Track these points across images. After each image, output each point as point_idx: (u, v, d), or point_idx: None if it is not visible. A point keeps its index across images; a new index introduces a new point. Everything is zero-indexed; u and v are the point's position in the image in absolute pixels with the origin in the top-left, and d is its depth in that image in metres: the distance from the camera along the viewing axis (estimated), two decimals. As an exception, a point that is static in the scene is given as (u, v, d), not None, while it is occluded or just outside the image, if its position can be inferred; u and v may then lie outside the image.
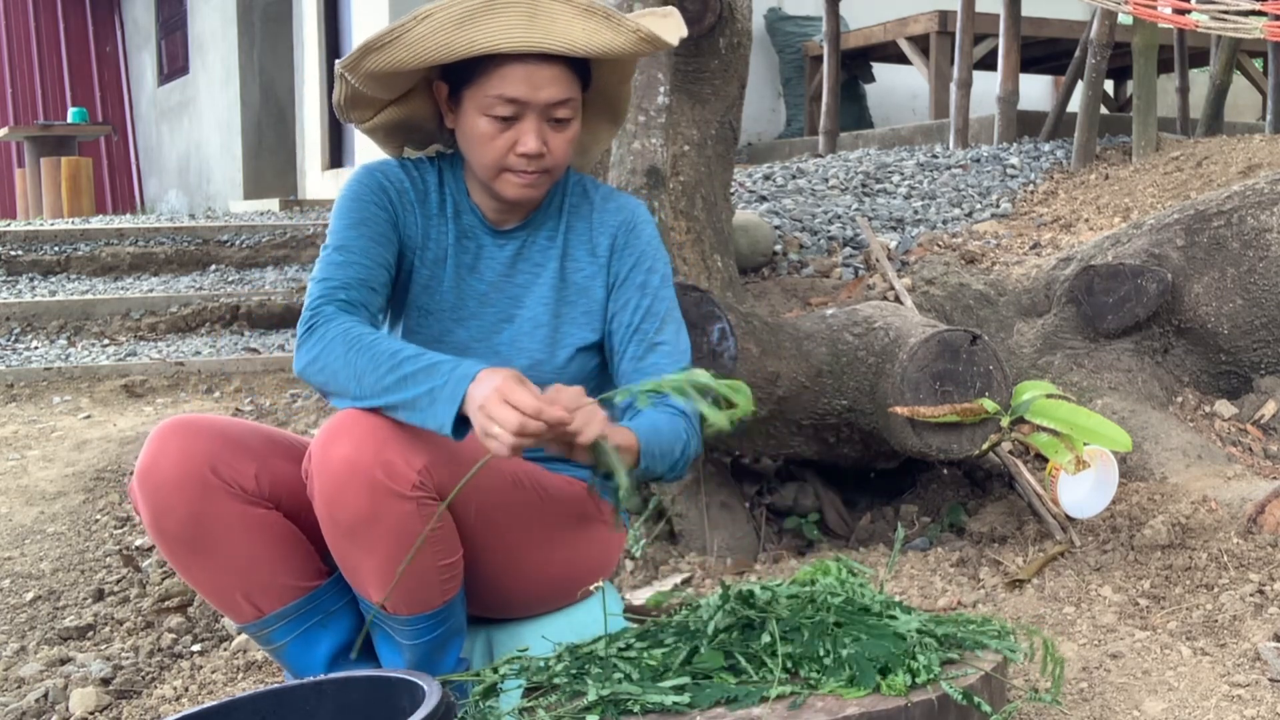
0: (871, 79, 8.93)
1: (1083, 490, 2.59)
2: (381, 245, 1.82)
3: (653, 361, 1.86)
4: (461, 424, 1.57)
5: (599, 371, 1.94)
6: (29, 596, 3.07)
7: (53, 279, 6.96)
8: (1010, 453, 2.93)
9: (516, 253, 1.91)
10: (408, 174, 1.91)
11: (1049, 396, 2.61)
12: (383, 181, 1.87)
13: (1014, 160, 5.58)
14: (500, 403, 1.52)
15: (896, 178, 5.51)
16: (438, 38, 1.70)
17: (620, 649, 1.69)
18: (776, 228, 4.52)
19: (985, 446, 2.65)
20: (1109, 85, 7.65)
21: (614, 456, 1.59)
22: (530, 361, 1.87)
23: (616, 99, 1.95)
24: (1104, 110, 6.34)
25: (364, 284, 1.78)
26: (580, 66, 1.80)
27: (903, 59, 7.80)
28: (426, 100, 1.87)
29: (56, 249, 7.18)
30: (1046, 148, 5.82)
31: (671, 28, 1.86)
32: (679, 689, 1.57)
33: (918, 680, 1.57)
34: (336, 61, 1.81)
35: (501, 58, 1.73)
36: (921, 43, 7.37)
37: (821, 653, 1.62)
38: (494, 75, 1.75)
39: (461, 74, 1.78)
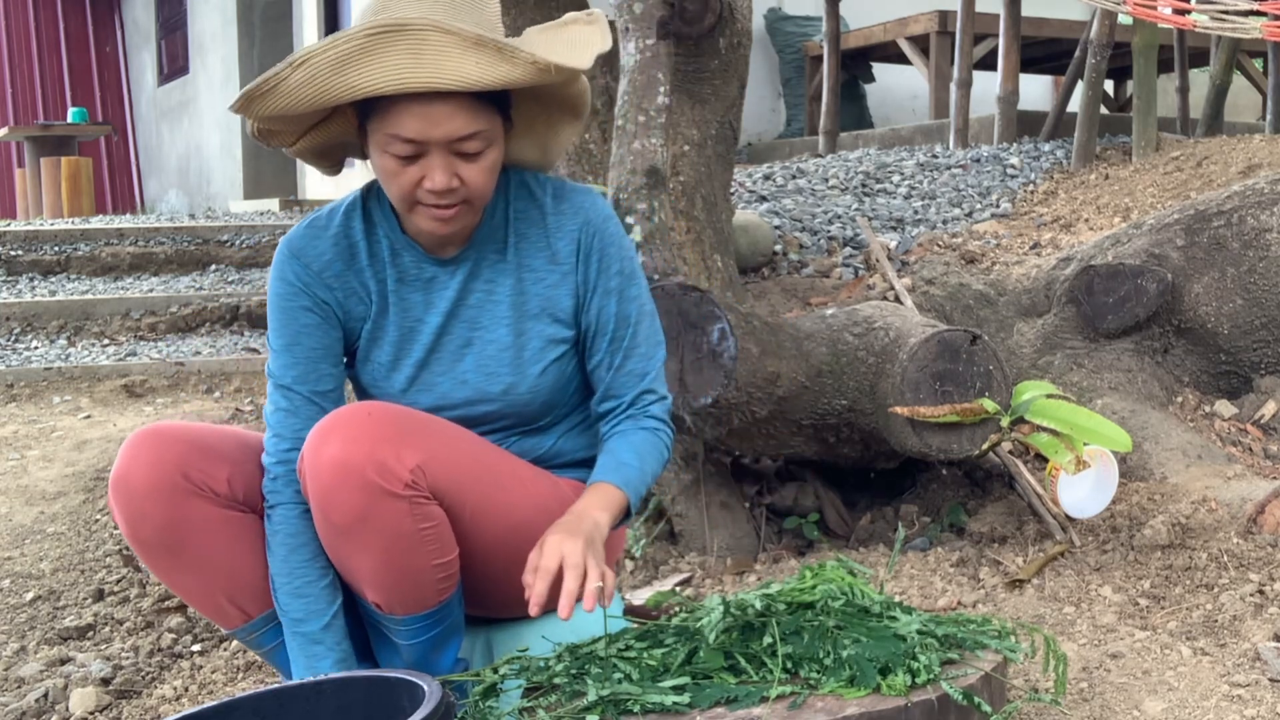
0: (871, 79, 8.93)
1: (1083, 490, 2.59)
2: (319, 359, 1.78)
3: (630, 369, 1.85)
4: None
5: (577, 373, 1.89)
6: (29, 596, 3.07)
7: (53, 279, 6.94)
8: (1010, 453, 2.93)
9: (468, 275, 1.81)
10: (329, 237, 1.80)
11: (1049, 396, 2.61)
12: (303, 277, 1.78)
13: (1014, 160, 5.57)
14: None
15: (896, 178, 5.50)
16: (316, 84, 1.59)
17: (620, 649, 1.69)
18: (776, 228, 4.52)
19: (985, 446, 2.65)
20: (1109, 85, 7.64)
21: None
22: (502, 386, 1.81)
23: (572, 96, 1.80)
24: (1104, 110, 6.34)
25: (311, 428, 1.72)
26: (491, 93, 1.66)
27: (903, 59, 7.79)
28: (348, 119, 1.74)
29: (56, 249, 7.17)
30: (1046, 148, 5.81)
31: (591, 40, 1.74)
32: (679, 689, 1.57)
33: (918, 680, 1.57)
34: (227, 105, 1.75)
35: (393, 97, 1.61)
36: (921, 43, 7.36)
37: (822, 653, 1.62)
38: (389, 114, 1.63)
39: (364, 106, 1.67)
